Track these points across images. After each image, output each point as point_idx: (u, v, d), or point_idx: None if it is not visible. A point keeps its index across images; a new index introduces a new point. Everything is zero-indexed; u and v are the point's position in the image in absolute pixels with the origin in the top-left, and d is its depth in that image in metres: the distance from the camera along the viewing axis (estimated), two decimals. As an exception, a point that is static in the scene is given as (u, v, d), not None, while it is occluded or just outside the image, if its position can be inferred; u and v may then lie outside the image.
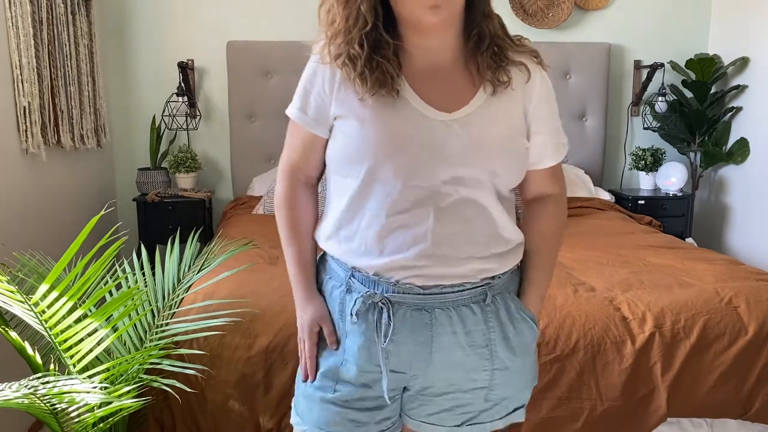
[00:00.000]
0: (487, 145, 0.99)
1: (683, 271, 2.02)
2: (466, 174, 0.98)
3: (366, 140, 0.99)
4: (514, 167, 1.04)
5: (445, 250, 1.00)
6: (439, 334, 1.03)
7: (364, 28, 0.97)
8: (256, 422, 1.62)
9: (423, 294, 1.02)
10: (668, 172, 3.24)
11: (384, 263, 1.01)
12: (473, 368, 1.05)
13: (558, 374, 1.63)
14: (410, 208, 0.99)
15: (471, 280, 1.03)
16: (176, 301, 1.66)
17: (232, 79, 3.23)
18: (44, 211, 2.38)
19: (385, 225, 1.00)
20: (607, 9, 3.38)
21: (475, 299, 1.04)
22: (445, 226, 0.99)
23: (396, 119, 0.99)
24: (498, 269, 1.05)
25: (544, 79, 1.06)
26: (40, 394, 1.17)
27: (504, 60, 1.01)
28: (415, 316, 1.02)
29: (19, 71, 2.12)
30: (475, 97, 1.01)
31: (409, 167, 0.98)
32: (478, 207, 1.01)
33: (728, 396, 1.67)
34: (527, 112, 1.04)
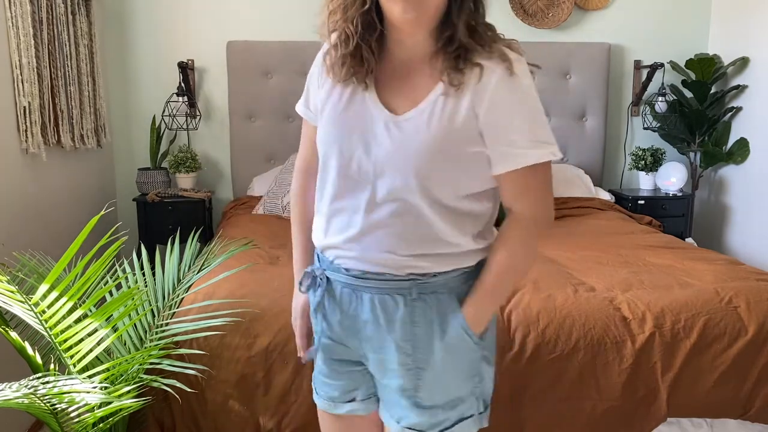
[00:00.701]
0: (414, 148, 0.99)
1: (683, 271, 2.02)
2: (395, 175, 1.01)
3: (324, 130, 1.08)
4: (450, 171, 1.01)
5: (368, 240, 1.05)
6: (363, 314, 1.09)
7: (362, 8, 0.99)
8: (256, 422, 1.62)
9: (347, 275, 1.09)
10: (668, 172, 3.24)
11: (326, 243, 1.11)
12: (397, 360, 1.09)
13: (558, 374, 1.63)
14: (348, 196, 1.06)
15: (393, 272, 1.05)
16: (176, 301, 1.66)
17: (232, 79, 3.23)
18: (44, 211, 2.38)
19: (330, 208, 1.09)
20: (607, 9, 3.38)
21: (399, 291, 1.06)
22: (372, 218, 1.04)
23: (348, 114, 1.05)
24: (430, 268, 1.05)
25: (505, 81, 0.98)
26: (40, 394, 1.17)
27: (464, 63, 0.99)
28: (344, 293, 1.10)
29: (19, 71, 2.12)
30: (426, 99, 1.00)
31: (347, 160, 1.04)
32: (409, 207, 1.02)
33: (728, 396, 1.67)
34: (478, 115, 0.99)
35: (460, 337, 1.07)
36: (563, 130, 3.37)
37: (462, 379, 1.10)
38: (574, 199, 3.10)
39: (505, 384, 1.61)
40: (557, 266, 2.08)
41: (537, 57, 1.19)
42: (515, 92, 0.99)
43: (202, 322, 1.55)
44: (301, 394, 1.60)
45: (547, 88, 3.31)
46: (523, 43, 1.12)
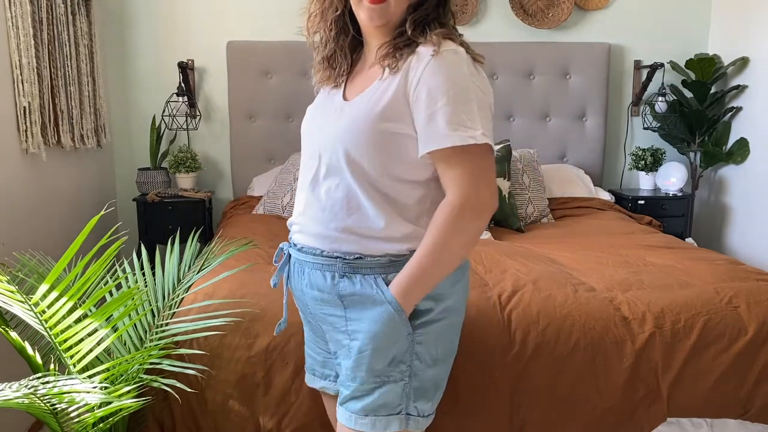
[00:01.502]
0: (343, 127, 1.10)
1: (683, 271, 2.02)
2: (329, 153, 1.12)
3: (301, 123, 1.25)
4: (375, 151, 1.07)
5: (308, 215, 1.17)
6: (303, 286, 1.20)
7: (335, 12, 1.13)
8: (256, 422, 1.62)
9: (295, 250, 1.21)
10: (668, 172, 3.24)
11: (289, 220, 1.25)
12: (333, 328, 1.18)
13: (558, 374, 1.63)
14: (302, 177, 1.20)
15: (323, 247, 1.14)
16: (176, 301, 1.66)
17: (232, 79, 3.23)
18: (44, 211, 2.38)
19: (294, 189, 1.29)
20: (607, 9, 3.38)
21: (329, 269, 1.14)
22: (313, 197, 1.16)
23: (315, 108, 1.23)
24: (357, 249, 1.11)
25: (432, 65, 1.03)
26: (40, 394, 1.17)
27: (402, 50, 1.08)
28: (296, 267, 1.21)
29: (19, 71, 2.12)
30: (371, 86, 1.11)
31: (306, 142, 1.21)
32: (344, 185, 1.10)
33: (728, 396, 1.67)
34: (408, 95, 1.05)
35: (389, 316, 1.08)
36: (563, 130, 3.37)
37: (385, 362, 1.10)
38: (574, 199, 3.10)
39: (505, 384, 1.61)
40: (557, 266, 2.08)
41: (537, 57, 1.23)
42: (440, 75, 1.02)
43: (202, 322, 1.55)
44: (301, 394, 1.60)
45: (547, 88, 3.32)
46: (524, 43, 1.16)
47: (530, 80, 3.32)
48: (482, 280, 1.91)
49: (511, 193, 2.84)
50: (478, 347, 1.61)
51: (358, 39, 1.20)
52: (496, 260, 2.13)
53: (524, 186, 2.95)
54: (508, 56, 3.25)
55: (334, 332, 1.18)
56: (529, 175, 2.98)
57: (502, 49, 3.24)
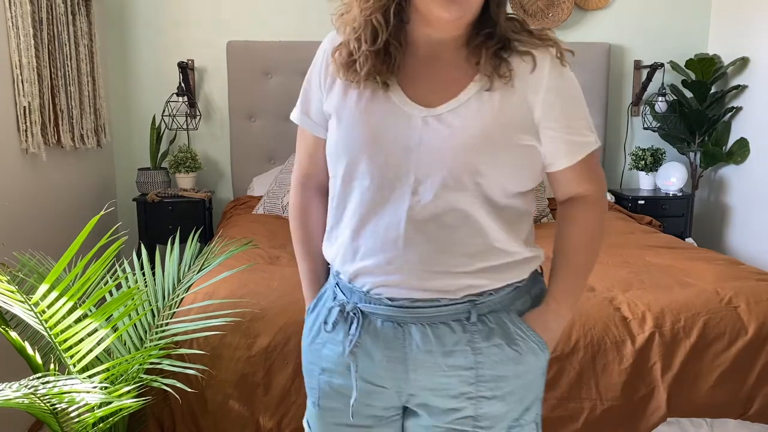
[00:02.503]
0: (466, 141, 0.89)
1: (683, 271, 2.02)
2: (445, 174, 0.89)
3: (342, 137, 0.94)
4: (505, 166, 0.91)
5: (416, 260, 0.91)
6: (414, 351, 0.93)
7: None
8: (256, 422, 1.62)
9: (393, 306, 0.93)
10: (668, 172, 3.24)
11: (356, 269, 0.95)
12: (456, 393, 0.94)
13: (558, 374, 1.63)
14: (383, 209, 0.92)
15: (449, 296, 0.92)
16: (176, 301, 1.66)
17: (232, 79, 3.23)
18: (44, 211, 2.38)
19: (359, 227, 0.94)
20: (607, 9, 3.38)
21: (455, 317, 0.93)
22: (419, 232, 0.90)
23: (374, 115, 0.93)
24: (488, 285, 0.94)
25: (559, 71, 0.92)
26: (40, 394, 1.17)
27: (508, 52, 0.92)
28: (386, 329, 0.94)
29: (19, 71, 2.12)
30: (465, 90, 0.92)
31: (383, 166, 0.91)
32: (461, 213, 0.90)
33: (728, 396, 1.67)
34: (533, 106, 0.92)
35: (534, 355, 0.95)
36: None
37: (527, 405, 0.98)
38: (574, 199, 3.10)
39: (505, 384, 1.61)
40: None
41: None
42: (567, 79, 0.94)
43: (202, 322, 1.55)
44: (301, 394, 1.59)
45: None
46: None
47: (530, 80, 3.31)
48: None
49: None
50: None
51: None
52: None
53: (524, 186, 2.94)
54: (508, 56, 3.24)
55: (459, 385, 0.94)
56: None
57: (502, 49, 3.23)
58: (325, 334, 1.00)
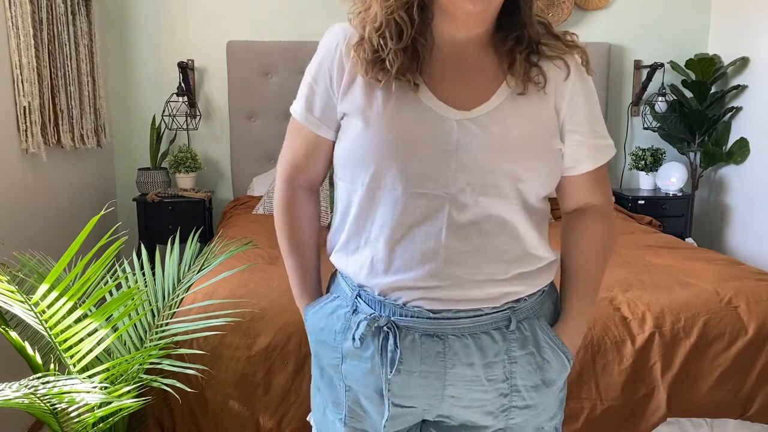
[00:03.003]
0: (508, 145, 0.87)
1: (683, 271, 2.02)
2: (485, 180, 0.86)
3: (371, 141, 0.88)
4: (542, 171, 0.91)
5: (459, 270, 0.88)
6: (454, 365, 0.90)
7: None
8: (256, 422, 1.62)
9: (434, 319, 0.89)
10: (668, 172, 3.24)
11: (390, 282, 0.90)
12: (491, 410, 0.93)
13: (558, 374, 1.63)
14: (421, 219, 0.87)
15: (491, 304, 0.90)
16: (176, 301, 1.66)
17: (232, 79, 3.23)
18: (44, 211, 2.38)
19: (392, 238, 0.89)
20: (607, 9, 3.38)
21: (496, 325, 0.91)
22: (460, 241, 0.87)
23: (405, 118, 0.88)
24: (524, 291, 0.93)
25: (584, 77, 0.94)
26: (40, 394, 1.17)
27: (538, 56, 0.92)
28: (425, 343, 0.90)
29: (19, 71, 2.12)
30: (497, 93, 0.90)
31: (419, 172, 0.86)
32: (499, 220, 0.88)
33: (728, 396, 1.67)
34: (560, 110, 0.92)
35: (559, 360, 0.95)
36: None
37: (552, 414, 0.99)
38: (574, 199, 3.10)
39: (505, 384, 1.61)
40: (557, 266, 2.09)
41: None
42: (589, 86, 0.96)
43: (202, 322, 1.55)
44: (301, 394, 1.60)
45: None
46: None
47: (530, 80, 3.31)
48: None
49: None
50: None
51: None
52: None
53: (524, 186, 2.94)
54: (508, 56, 3.25)
55: (494, 398, 0.93)
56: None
57: (502, 49, 3.23)
58: (351, 348, 0.94)
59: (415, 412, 0.95)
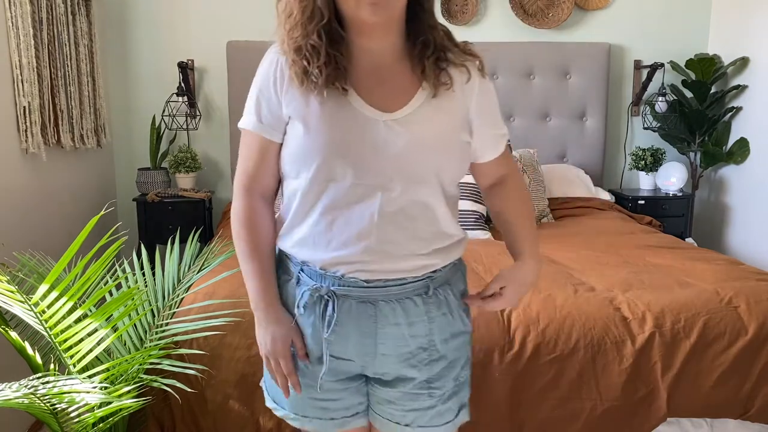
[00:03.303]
0: (427, 141, 1.04)
1: (683, 271, 2.02)
2: (409, 171, 1.03)
3: (312, 142, 1.02)
4: (456, 161, 1.09)
5: (388, 246, 1.04)
6: (384, 326, 1.08)
7: (321, 21, 1.01)
8: (256, 422, 1.62)
9: (367, 287, 1.06)
10: (668, 172, 3.24)
11: (330, 258, 1.06)
12: (414, 363, 1.11)
13: (558, 374, 1.63)
14: (356, 205, 1.03)
15: (413, 274, 1.08)
16: (176, 301, 1.66)
17: (232, 79, 3.23)
18: (44, 211, 2.38)
19: (332, 221, 1.04)
20: (607, 9, 3.38)
21: (417, 292, 1.09)
22: (389, 223, 1.03)
23: (340, 121, 1.02)
24: (440, 263, 1.10)
25: (483, 80, 1.11)
26: (40, 394, 1.17)
27: (446, 63, 1.07)
28: (359, 308, 1.07)
29: (19, 71, 2.12)
30: (415, 97, 1.05)
31: (355, 166, 1.02)
32: (422, 205, 1.05)
33: (728, 396, 1.67)
34: (468, 108, 1.09)
35: (463, 323, 1.15)
36: (563, 130, 3.37)
37: (462, 365, 1.16)
38: (574, 199, 3.10)
39: (505, 384, 1.61)
40: (557, 266, 2.09)
41: (537, 57, 1.25)
42: (489, 86, 1.14)
43: (202, 322, 1.55)
44: (301, 394, 1.59)
45: (547, 88, 3.31)
46: (524, 43, 1.18)
47: (530, 80, 3.32)
48: (482, 280, 1.91)
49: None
50: (478, 347, 1.61)
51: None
52: (496, 260, 2.13)
53: (524, 186, 2.95)
54: (508, 56, 3.25)
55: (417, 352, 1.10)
56: (530, 175, 2.98)
57: (502, 49, 3.24)
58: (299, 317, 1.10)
59: (352, 365, 1.12)
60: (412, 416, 1.13)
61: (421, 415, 1.13)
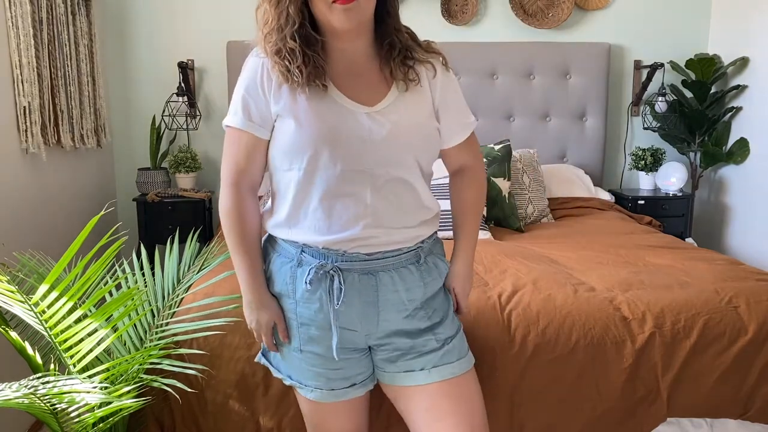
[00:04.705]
0: (406, 129, 1.18)
1: (683, 271, 2.02)
2: (392, 155, 1.17)
3: (304, 134, 1.14)
4: (429, 144, 1.25)
5: (384, 221, 1.19)
6: (384, 293, 1.23)
7: (294, 26, 1.12)
8: (256, 422, 1.62)
9: (368, 260, 1.20)
10: (668, 172, 3.24)
11: (332, 239, 1.18)
12: (414, 318, 1.26)
13: (558, 374, 1.63)
14: (350, 190, 1.16)
15: (407, 244, 1.23)
16: (176, 301, 1.66)
17: (232, 79, 3.23)
18: (44, 211, 2.38)
19: (330, 207, 1.17)
20: (607, 9, 3.38)
21: (410, 261, 1.25)
22: (381, 201, 1.18)
23: (327, 114, 1.15)
24: (426, 234, 1.27)
25: (446, 73, 1.27)
26: (40, 394, 1.17)
27: (412, 61, 1.21)
28: (362, 279, 1.21)
29: (19, 71, 2.12)
30: (389, 93, 1.20)
31: (345, 155, 1.14)
32: (405, 184, 1.20)
33: (728, 396, 1.67)
34: (434, 100, 1.24)
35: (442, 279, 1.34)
36: (563, 130, 3.37)
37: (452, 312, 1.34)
38: (574, 199, 3.10)
39: (505, 384, 1.61)
40: (557, 266, 2.09)
41: (537, 57, 1.28)
42: (452, 79, 1.29)
43: (202, 322, 1.55)
44: (301, 394, 1.59)
45: (547, 88, 3.31)
46: (524, 43, 1.23)
47: (530, 80, 3.32)
48: (482, 280, 1.91)
49: (511, 193, 2.84)
50: (478, 347, 1.60)
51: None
52: (496, 260, 2.13)
53: (524, 186, 2.95)
54: (508, 56, 3.25)
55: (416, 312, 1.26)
56: (529, 175, 2.98)
57: (502, 49, 3.24)
58: (302, 293, 1.22)
59: (356, 335, 1.25)
60: (422, 361, 1.26)
61: (431, 358, 1.26)
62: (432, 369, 1.25)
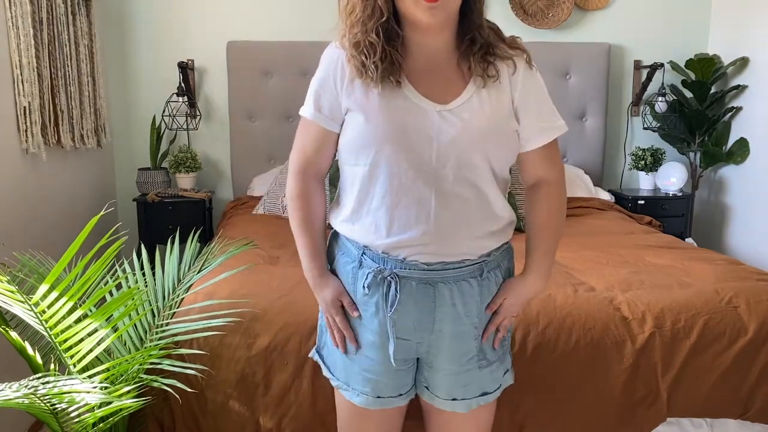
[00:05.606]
0: (478, 129, 1.11)
1: (683, 271, 2.02)
2: (462, 157, 1.10)
3: (371, 131, 1.10)
4: (505, 147, 1.16)
5: (446, 229, 1.12)
6: (441, 305, 1.17)
7: (380, 19, 1.08)
8: (256, 422, 1.62)
9: (427, 270, 1.15)
10: (668, 172, 3.24)
11: (391, 242, 1.14)
12: (467, 337, 1.20)
13: (558, 374, 1.63)
14: (413, 191, 1.11)
15: (470, 257, 1.16)
16: (176, 301, 1.66)
17: (232, 79, 3.23)
18: (44, 211, 2.38)
19: (391, 207, 1.12)
20: (607, 9, 3.38)
21: (473, 274, 1.17)
22: (445, 207, 1.11)
23: (397, 111, 1.10)
24: (493, 246, 1.19)
25: (530, 71, 1.18)
26: (40, 394, 1.17)
27: (493, 57, 1.14)
28: (420, 289, 1.16)
29: (19, 71, 2.12)
30: (465, 90, 1.13)
31: (410, 154, 1.10)
32: (474, 188, 1.13)
33: (728, 396, 1.67)
34: (514, 99, 1.16)
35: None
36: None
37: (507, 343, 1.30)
38: (574, 199, 3.10)
39: (505, 384, 1.61)
40: (557, 266, 2.08)
41: (537, 57, 1.27)
42: (535, 78, 1.19)
43: (202, 322, 1.55)
44: (301, 394, 1.60)
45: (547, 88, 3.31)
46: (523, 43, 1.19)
47: (530, 80, 3.31)
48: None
49: (512, 193, 2.84)
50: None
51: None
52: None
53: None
54: (508, 56, 3.24)
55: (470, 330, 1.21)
56: (529, 175, 2.98)
57: (502, 49, 3.23)
58: (360, 297, 1.19)
59: (410, 344, 1.20)
60: (462, 391, 1.23)
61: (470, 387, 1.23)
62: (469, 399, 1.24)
